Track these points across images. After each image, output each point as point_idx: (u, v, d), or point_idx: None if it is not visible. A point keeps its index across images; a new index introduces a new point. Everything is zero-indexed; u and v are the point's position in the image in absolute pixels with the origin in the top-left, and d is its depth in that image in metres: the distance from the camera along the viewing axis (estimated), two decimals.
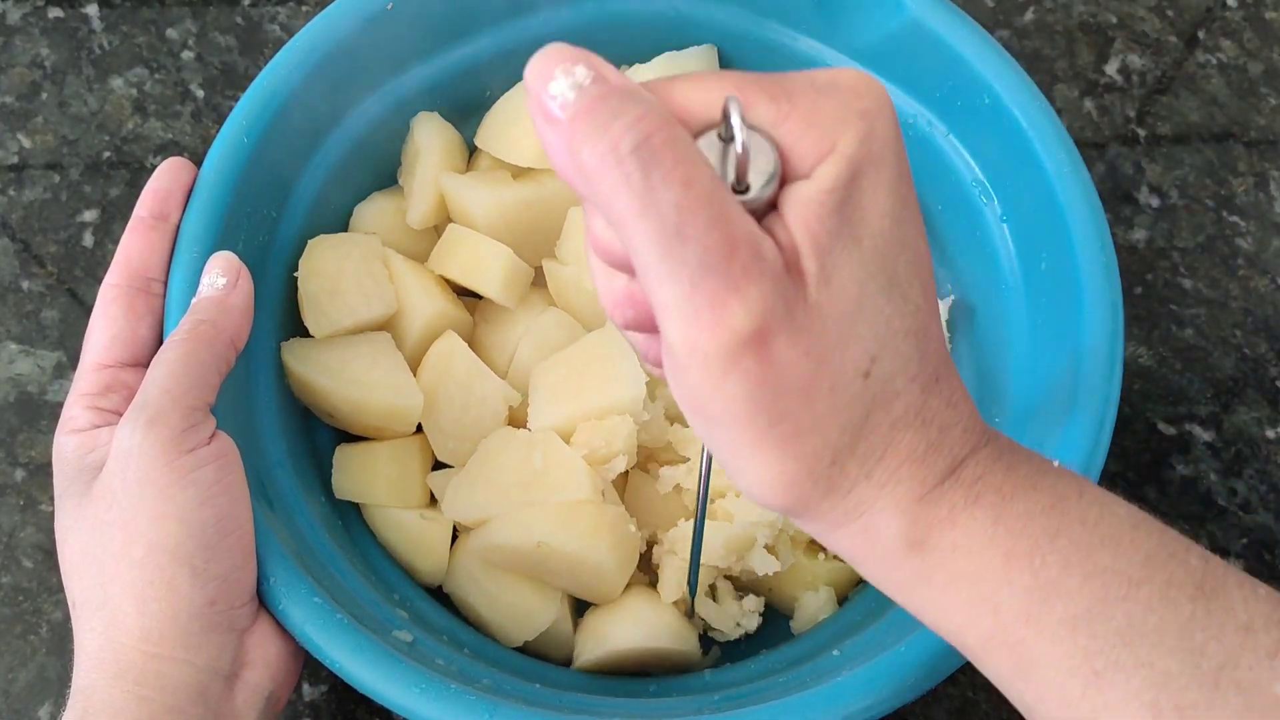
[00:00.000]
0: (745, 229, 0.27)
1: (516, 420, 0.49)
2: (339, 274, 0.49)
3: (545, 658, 0.49)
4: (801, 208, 0.28)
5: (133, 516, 0.38)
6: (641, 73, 0.53)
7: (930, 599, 0.31)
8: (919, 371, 0.30)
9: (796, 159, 0.28)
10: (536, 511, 0.46)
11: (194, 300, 0.43)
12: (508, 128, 0.52)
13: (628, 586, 0.48)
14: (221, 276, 0.43)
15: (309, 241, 0.49)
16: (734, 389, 0.28)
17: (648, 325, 0.31)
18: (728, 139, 0.28)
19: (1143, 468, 0.55)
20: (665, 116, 0.27)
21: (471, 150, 0.55)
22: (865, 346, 0.29)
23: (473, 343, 0.51)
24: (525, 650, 0.48)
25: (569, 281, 0.51)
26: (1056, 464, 0.32)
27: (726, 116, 0.28)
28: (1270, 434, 0.56)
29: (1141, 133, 0.63)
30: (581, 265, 0.50)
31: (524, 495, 0.46)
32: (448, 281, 0.52)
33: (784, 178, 0.28)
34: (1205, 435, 0.56)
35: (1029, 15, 0.66)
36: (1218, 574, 0.30)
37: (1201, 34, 0.66)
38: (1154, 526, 0.31)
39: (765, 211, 0.28)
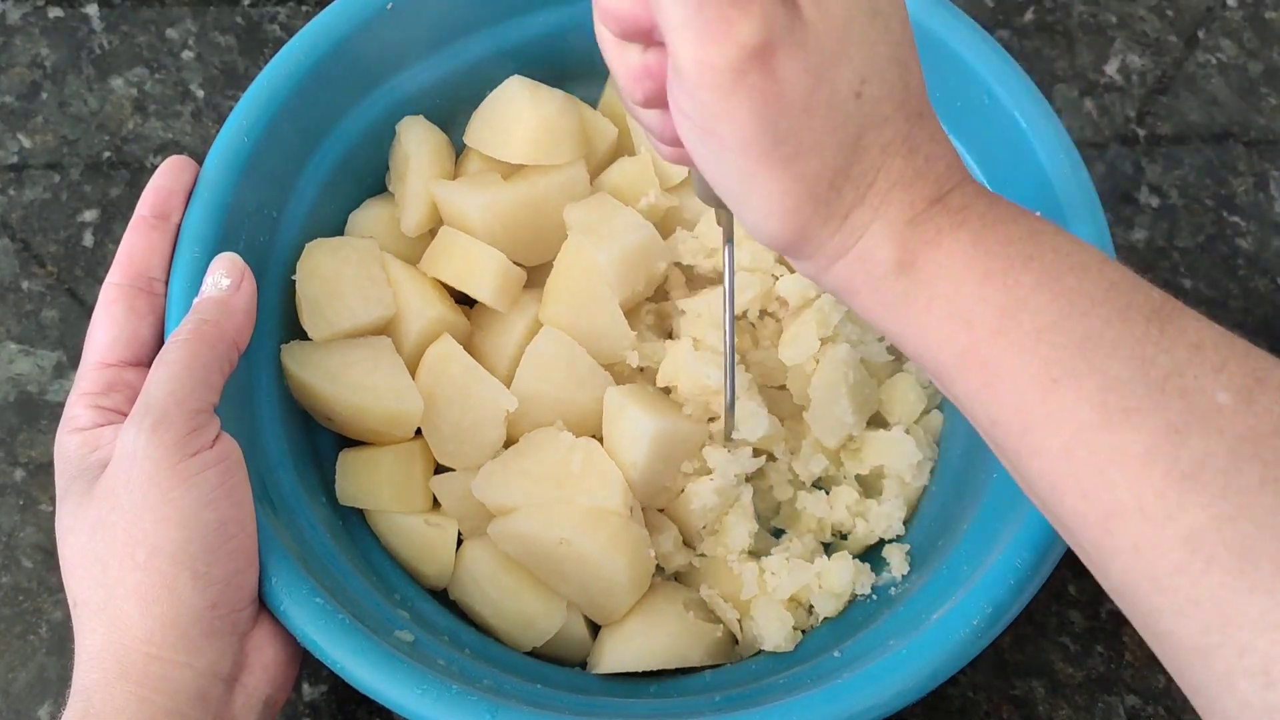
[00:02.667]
0: None
1: (514, 429, 0.49)
2: (337, 277, 0.49)
3: (556, 662, 0.49)
4: None
5: (136, 519, 0.38)
6: None
7: (914, 319, 0.34)
8: (904, 100, 0.33)
9: None
10: (565, 509, 0.46)
11: (197, 300, 0.43)
12: (497, 124, 0.51)
13: (651, 589, 0.48)
14: (225, 277, 0.43)
15: (307, 245, 0.49)
16: (742, 105, 0.30)
17: (663, 99, 0.34)
18: None
19: None
20: None
21: (460, 150, 0.54)
22: (856, 67, 0.31)
23: (468, 346, 0.51)
24: (535, 655, 0.48)
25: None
26: (1038, 214, 0.35)
27: None
28: None
29: (1141, 133, 0.63)
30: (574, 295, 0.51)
31: (555, 492, 0.47)
32: (442, 284, 0.52)
33: None
34: None
35: (1029, 15, 0.66)
36: (1175, 306, 0.32)
37: (1201, 34, 0.66)
38: (1122, 267, 0.33)
39: None
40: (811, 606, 0.49)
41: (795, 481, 0.52)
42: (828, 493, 0.51)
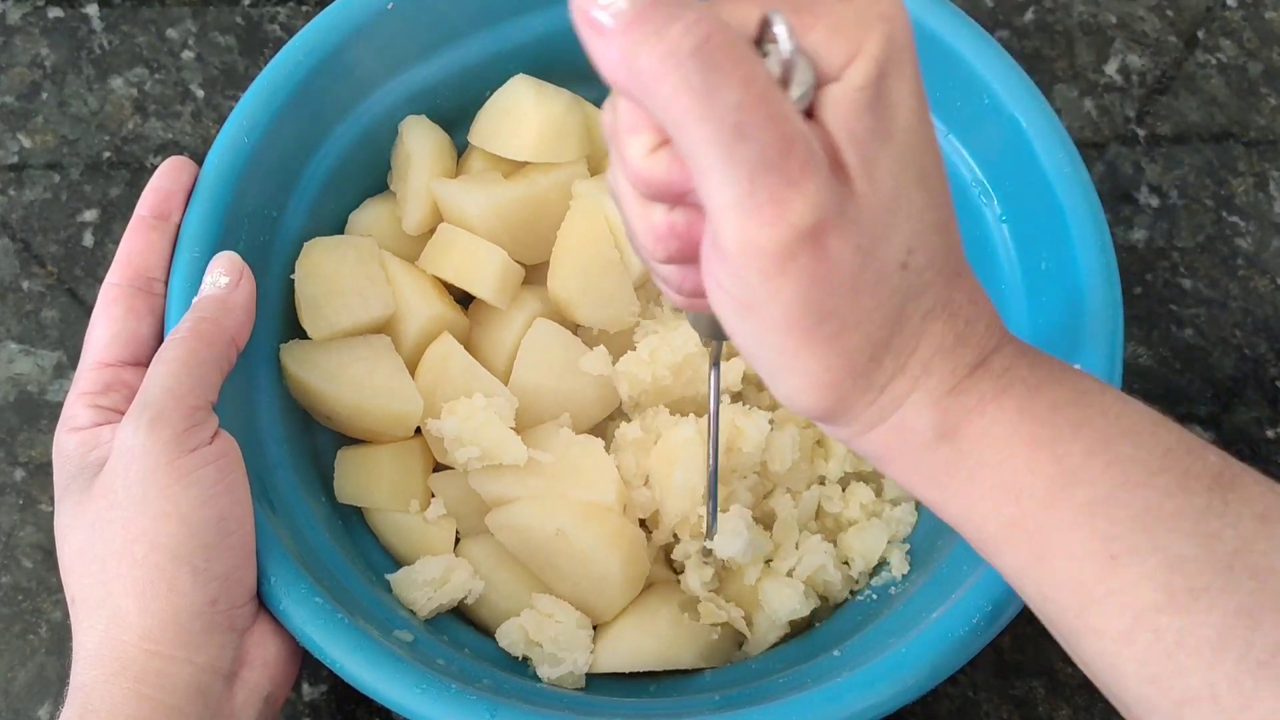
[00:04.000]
0: (799, 126, 0.28)
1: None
2: (336, 275, 0.49)
3: None
4: (837, 106, 0.29)
5: (134, 515, 0.38)
6: None
7: (956, 489, 0.32)
8: (945, 264, 0.31)
9: (825, 65, 0.29)
10: (563, 502, 0.46)
11: (196, 299, 0.43)
12: (502, 123, 0.52)
13: (648, 588, 0.48)
14: (224, 275, 0.43)
15: (305, 244, 0.49)
16: (789, 286, 0.29)
17: (689, 255, 0.32)
18: (765, 52, 0.29)
19: None
20: (720, 19, 0.27)
21: (462, 149, 0.54)
22: (904, 239, 0.30)
23: (467, 344, 0.51)
24: None
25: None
26: (1078, 367, 0.33)
27: (766, 27, 0.29)
28: (1270, 434, 0.56)
29: (1141, 133, 0.63)
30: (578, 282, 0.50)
31: (551, 486, 0.47)
32: (440, 282, 0.52)
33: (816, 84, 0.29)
34: (1205, 435, 0.56)
35: (1029, 15, 0.66)
36: (1235, 470, 0.31)
37: (1201, 34, 0.66)
38: (1174, 426, 0.32)
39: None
40: (847, 562, 0.49)
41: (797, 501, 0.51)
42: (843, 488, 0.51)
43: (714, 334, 0.38)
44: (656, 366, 0.49)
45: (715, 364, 0.43)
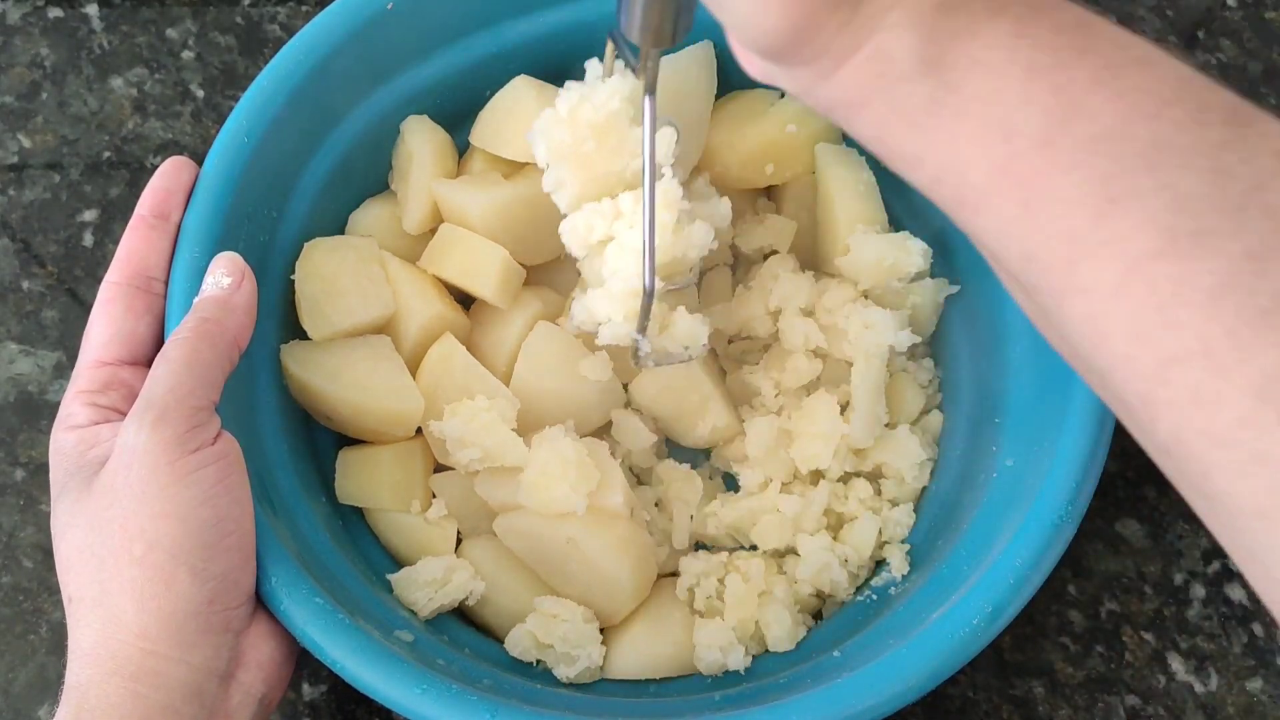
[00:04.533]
0: None
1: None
2: (336, 276, 0.49)
3: None
4: None
5: (134, 514, 0.38)
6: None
7: (938, 131, 0.28)
8: None
9: None
10: (572, 509, 0.46)
11: (197, 299, 0.43)
12: (503, 123, 0.51)
13: (656, 590, 0.48)
14: (226, 276, 0.43)
15: (305, 245, 0.49)
16: None
17: None
18: None
19: (1143, 467, 0.55)
20: None
21: (463, 150, 0.54)
22: None
23: (469, 345, 0.51)
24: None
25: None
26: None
27: None
28: None
29: None
30: None
31: (558, 491, 0.46)
32: (441, 282, 0.52)
33: None
34: None
35: None
36: (1252, 108, 0.28)
37: (1201, 34, 0.66)
38: (1187, 64, 0.28)
39: None
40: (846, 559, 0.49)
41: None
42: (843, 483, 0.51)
43: (653, 34, 0.32)
44: (577, 126, 0.43)
45: (651, 91, 0.36)
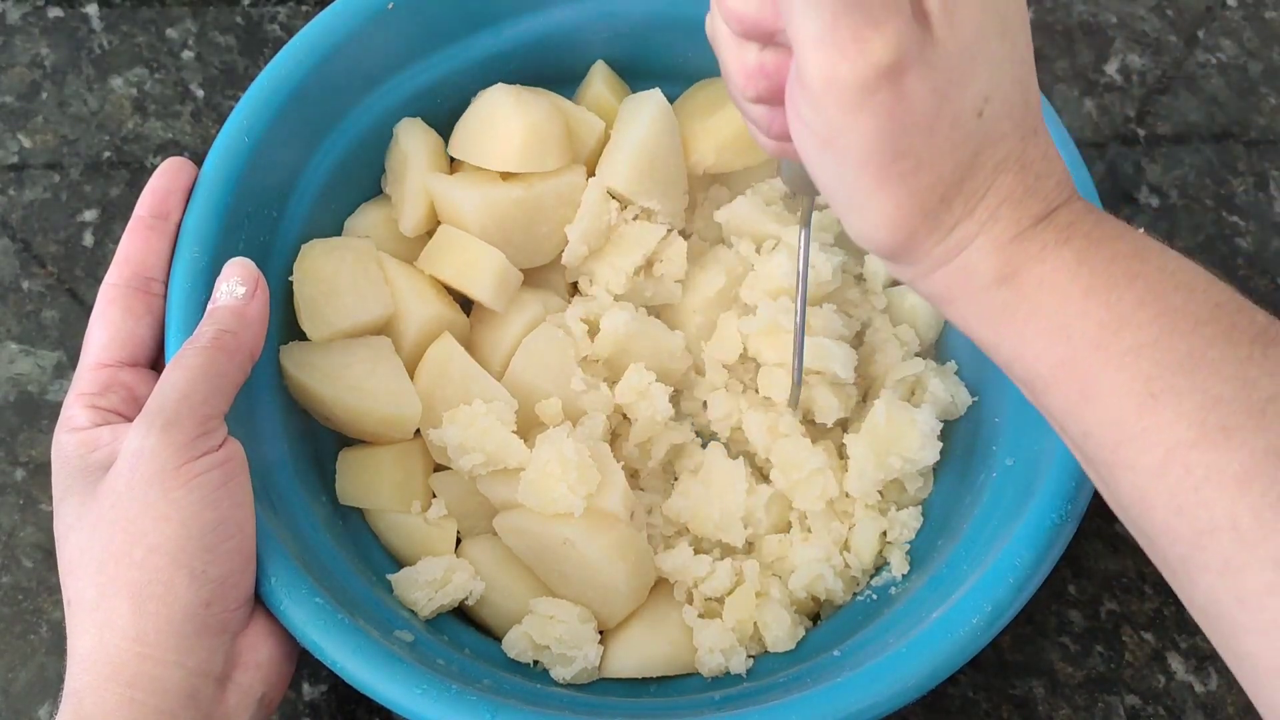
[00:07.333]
0: None
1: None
2: (335, 276, 0.48)
3: None
4: None
5: (136, 517, 0.38)
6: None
7: (1011, 330, 0.34)
8: (1022, 119, 0.33)
9: None
10: (570, 510, 0.46)
11: (212, 307, 0.43)
12: (482, 134, 0.51)
13: (655, 586, 0.48)
14: (240, 285, 0.43)
15: (303, 246, 0.49)
16: (867, 121, 0.31)
17: (777, 96, 0.35)
18: None
19: None
20: None
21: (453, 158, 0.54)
22: (981, 87, 0.32)
23: (468, 345, 0.51)
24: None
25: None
26: (1142, 230, 0.35)
27: None
28: None
29: (1141, 133, 0.63)
30: None
31: (557, 492, 0.46)
32: (439, 283, 0.52)
33: None
34: None
35: (1029, 15, 0.66)
36: (1279, 329, 0.32)
37: (1201, 34, 0.66)
38: (1228, 288, 0.33)
39: None
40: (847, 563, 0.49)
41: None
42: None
43: (803, 187, 0.40)
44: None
45: (805, 223, 0.44)
